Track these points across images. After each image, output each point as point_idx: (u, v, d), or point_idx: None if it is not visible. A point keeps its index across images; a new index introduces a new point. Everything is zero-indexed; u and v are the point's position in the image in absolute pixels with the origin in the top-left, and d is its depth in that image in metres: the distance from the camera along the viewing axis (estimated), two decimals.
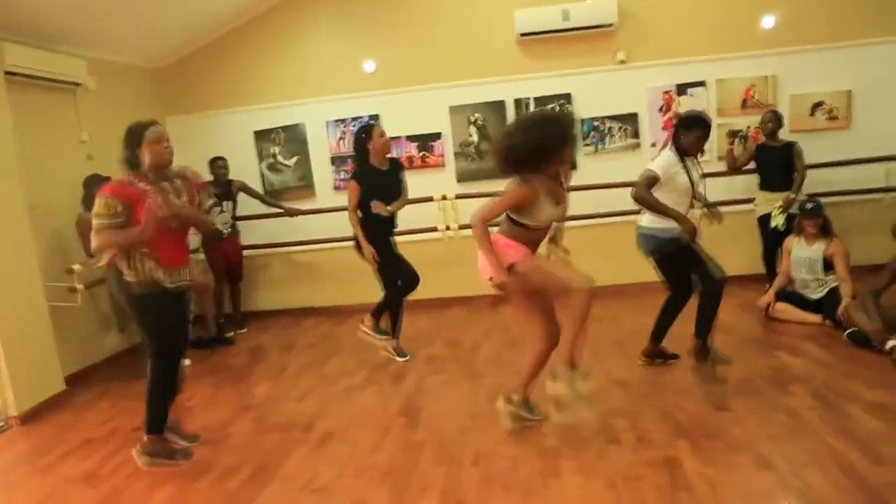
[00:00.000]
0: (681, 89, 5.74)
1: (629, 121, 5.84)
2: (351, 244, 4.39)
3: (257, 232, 6.16)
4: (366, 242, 4.25)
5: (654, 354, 3.98)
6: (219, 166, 5.63)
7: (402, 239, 4.69)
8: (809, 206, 4.63)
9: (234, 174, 5.78)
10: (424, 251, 4.01)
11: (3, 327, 4.04)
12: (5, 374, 4.05)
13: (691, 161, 3.70)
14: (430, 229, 5.72)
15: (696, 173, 3.71)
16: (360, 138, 4.31)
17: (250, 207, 5.98)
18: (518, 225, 2.98)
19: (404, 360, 4.50)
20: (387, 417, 3.66)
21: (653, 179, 3.55)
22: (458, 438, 3.25)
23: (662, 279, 3.87)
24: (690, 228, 3.47)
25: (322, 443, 3.39)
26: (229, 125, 6.22)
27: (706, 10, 5.66)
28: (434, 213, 5.79)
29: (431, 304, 5.81)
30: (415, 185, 4.69)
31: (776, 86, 5.66)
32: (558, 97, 5.82)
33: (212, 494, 2.95)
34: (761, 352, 4.12)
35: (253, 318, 6.19)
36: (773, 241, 5.14)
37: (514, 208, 2.97)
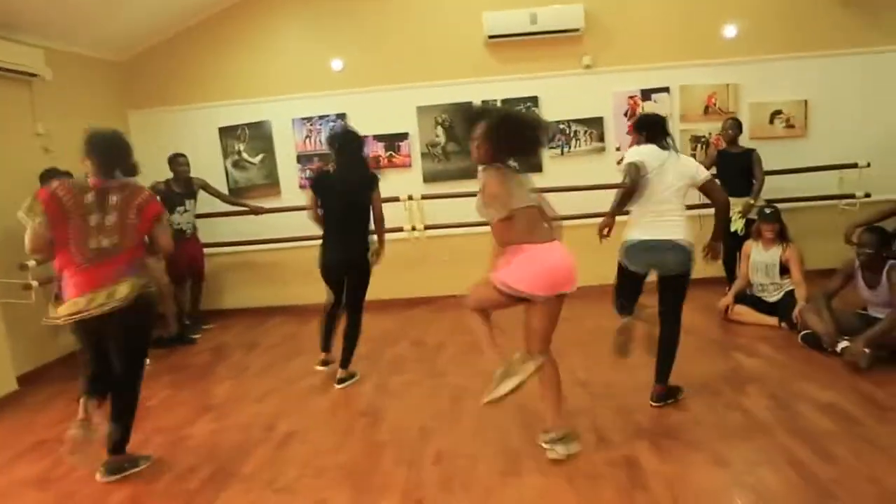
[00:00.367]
0: (645, 94, 5.85)
1: (595, 124, 5.92)
2: (313, 243, 4.25)
3: (221, 230, 6.06)
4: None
5: (667, 395, 3.44)
6: (179, 163, 5.48)
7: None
8: (767, 212, 4.76)
9: (197, 171, 5.67)
10: (390, 251, 3.99)
11: None
12: None
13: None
14: (396, 229, 5.71)
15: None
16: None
17: (214, 205, 5.88)
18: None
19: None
20: (349, 417, 3.64)
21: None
22: (420, 438, 3.25)
23: (670, 307, 3.38)
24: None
25: (283, 443, 3.35)
26: (193, 121, 6.11)
27: (671, 17, 5.78)
28: (400, 213, 5.78)
29: (396, 305, 5.81)
30: (382, 184, 4.66)
31: (737, 93, 5.80)
32: (525, 100, 5.87)
33: (171, 495, 2.89)
34: (720, 353, 4.22)
35: (216, 316, 6.09)
36: (732, 245, 5.26)
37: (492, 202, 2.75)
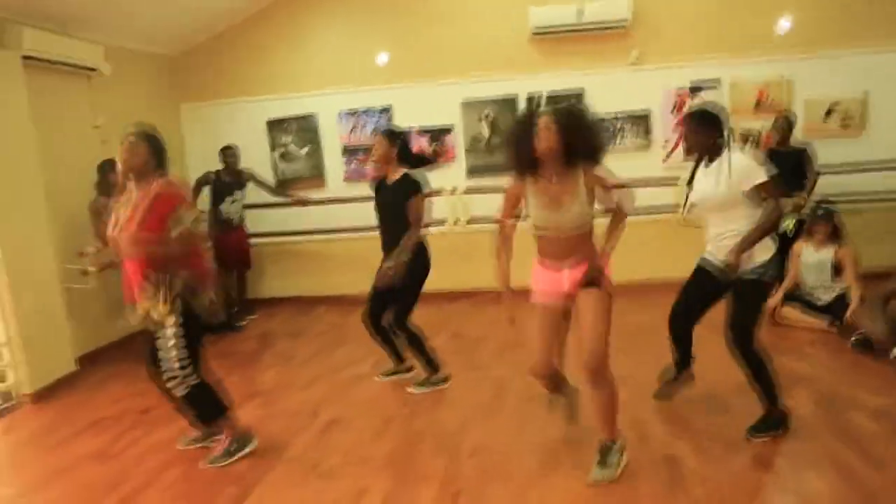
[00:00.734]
0: (694, 89, 5.73)
1: (641, 120, 5.84)
2: (357, 235, 4.28)
3: (269, 220, 6.22)
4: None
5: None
6: (229, 155, 5.66)
7: None
8: (820, 212, 4.62)
9: (246, 163, 5.83)
10: (432, 244, 4.03)
11: (18, 307, 4.12)
12: (19, 353, 4.14)
13: (717, 165, 2.96)
14: (439, 222, 5.75)
15: (709, 184, 3.00)
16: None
17: (262, 196, 6.04)
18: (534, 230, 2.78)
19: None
20: (390, 407, 3.71)
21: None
22: (459, 431, 3.30)
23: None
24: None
25: (327, 430, 3.44)
26: (242, 114, 6.27)
27: (721, 10, 5.64)
28: (443, 206, 5.82)
29: (437, 297, 5.84)
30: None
31: (791, 89, 5.63)
32: (571, 94, 5.83)
33: (218, 474, 3.02)
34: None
35: (261, 305, 6.26)
36: (782, 244, 5.13)
37: (516, 201, 2.81)
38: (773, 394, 3.01)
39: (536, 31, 5.69)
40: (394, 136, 3.82)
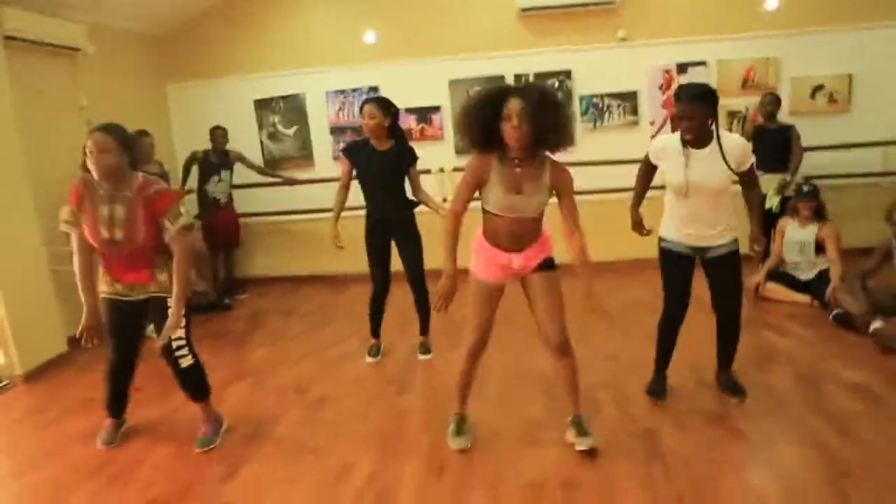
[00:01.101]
0: (681, 68, 5.73)
1: (628, 99, 5.84)
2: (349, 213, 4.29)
3: (257, 200, 6.21)
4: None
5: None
6: (218, 135, 5.64)
7: None
8: (805, 189, 4.66)
9: (234, 143, 5.80)
10: (420, 223, 4.05)
11: (7, 289, 4.13)
12: (9, 334, 4.16)
13: (712, 147, 2.90)
14: None
15: (703, 169, 2.92)
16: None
17: (250, 177, 6.02)
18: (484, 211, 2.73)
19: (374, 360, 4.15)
20: (378, 384, 3.77)
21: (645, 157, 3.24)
22: (444, 407, 3.34)
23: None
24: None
25: (315, 407, 3.49)
26: (230, 93, 6.23)
27: None
28: (432, 184, 5.82)
29: (426, 276, 5.87)
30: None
31: (777, 68, 5.64)
32: (558, 73, 5.82)
33: (207, 453, 3.06)
34: (749, 330, 4.12)
35: (252, 284, 6.28)
36: (766, 222, 5.18)
37: (475, 186, 2.69)
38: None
39: (524, 9, 5.66)
40: (388, 106, 3.85)
